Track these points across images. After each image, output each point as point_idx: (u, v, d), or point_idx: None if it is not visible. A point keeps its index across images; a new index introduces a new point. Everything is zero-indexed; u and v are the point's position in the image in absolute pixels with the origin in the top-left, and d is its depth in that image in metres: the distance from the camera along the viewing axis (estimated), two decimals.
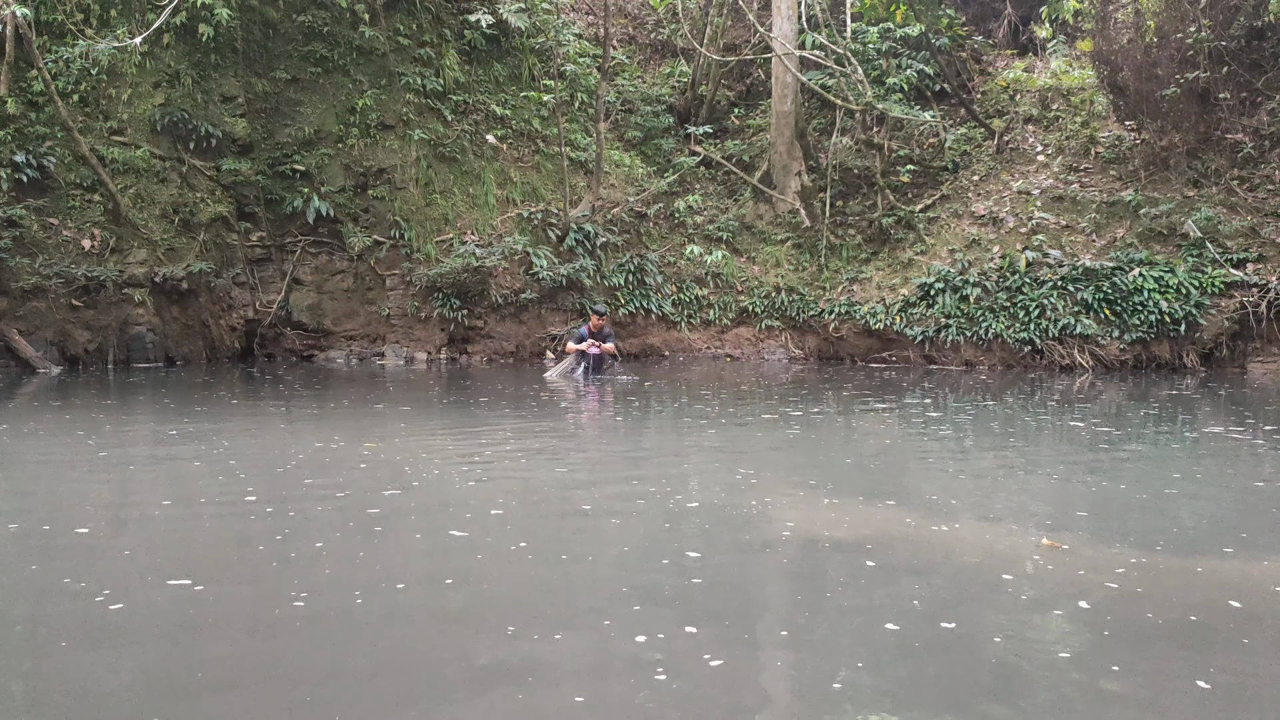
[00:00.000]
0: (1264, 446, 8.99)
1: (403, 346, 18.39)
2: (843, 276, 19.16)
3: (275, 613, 4.19)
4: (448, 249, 17.96)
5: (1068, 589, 4.57)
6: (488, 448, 9.04)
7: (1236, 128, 17.13)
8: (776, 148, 20.30)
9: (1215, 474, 7.87)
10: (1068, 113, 19.48)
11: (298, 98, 17.98)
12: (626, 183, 20.25)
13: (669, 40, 23.47)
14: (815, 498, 6.68)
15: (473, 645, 3.88)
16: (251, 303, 18.12)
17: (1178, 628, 4.06)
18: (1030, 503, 6.69)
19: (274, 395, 13.30)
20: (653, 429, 10.67)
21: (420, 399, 13.11)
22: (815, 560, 5.16)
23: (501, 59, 20.02)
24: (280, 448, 8.54)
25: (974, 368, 17.26)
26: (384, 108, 18.12)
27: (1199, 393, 13.56)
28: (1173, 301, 15.79)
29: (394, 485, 6.82)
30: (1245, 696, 3.43)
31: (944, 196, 19.38)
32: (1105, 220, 17.38)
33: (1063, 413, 11.77)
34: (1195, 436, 9.77)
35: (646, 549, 5.32)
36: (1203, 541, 5.57)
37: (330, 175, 17.99)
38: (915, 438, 10.02)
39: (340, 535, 5.52)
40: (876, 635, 3.97)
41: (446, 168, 18.56)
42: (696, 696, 3.41)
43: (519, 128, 19.69)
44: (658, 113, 21.72)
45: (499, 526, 5.79)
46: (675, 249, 19.68)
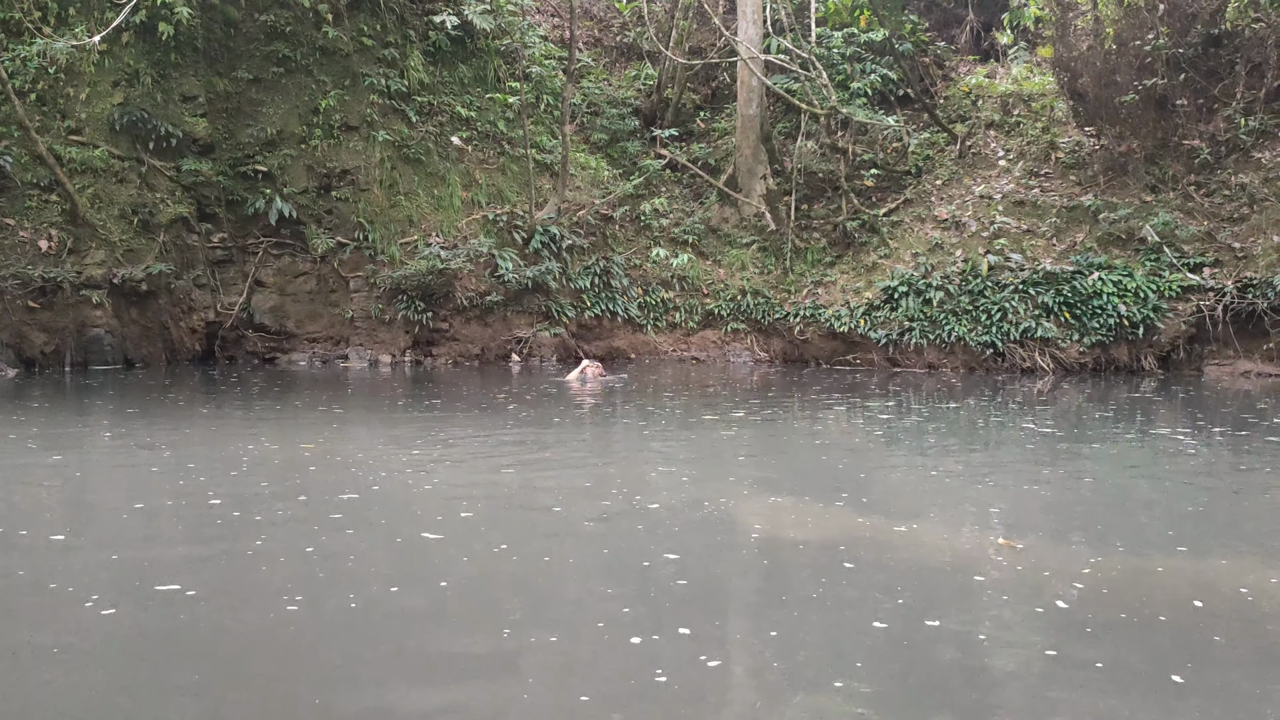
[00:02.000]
0: (1216, 449, 9.13)
1: (366, 349, 18.26)
2: (807, 280, 19.26)
3: (271, 616, 4.19)
4: (412, 251, 17.85)
5: (1040, 589, 4.65)
6: (447, 450, 9.01)
7: (1193, 134, 17.39)
8: (742, 151, 20.37)
9: (1168, 475, 7.99)
10: (1029, 118, 19.70)
11: (260, 98, 17.81)
12: (592, 185, 20.24)
13: (634, 43, 23.51)
14: (780, 499, 6.73)
15: (473, 646, 3.92)
16: (212, 305, 17.91)
17: (1149, 627, 4.15)
18: (991, 504, 6.77)
19: (233, 398, 13.16)
20: (616, 431, 10.67)
21: (381, 402, 13.03)
22: (793, 561, 5.22)
23: (466, 60, 19.96)
24: (236, 451, 8.47)
25: (937, 370, 17.40)
26: (348, 109, 17.99)
27: (1156, 395, 13.76)
28: (1131, 305, 16.00)
29: (352, 489, 6.79)
30: (1215, 689, 3.55)
31: (907, 200, 19.53)
32: (1065, 225, 17.59)
33: (1023, 415, 11.89)
34: (1150, 439, 9.91)
35: (624, 551, 5.37)
36: (1158, 542, 5.66)
37: (293, 176, 17.83)
38: (877, 440, 10.10)
39: (318, 539, 5.50)
40: (868, 634, 4.05)
41: (411, 169, 18.46)
42: (700, 697, 3.46)
43: (484, 129, 19.63)
44: (623, 115, 21.74)
45: (473, 529, 5.82)
46: (641, 252, 19.70)
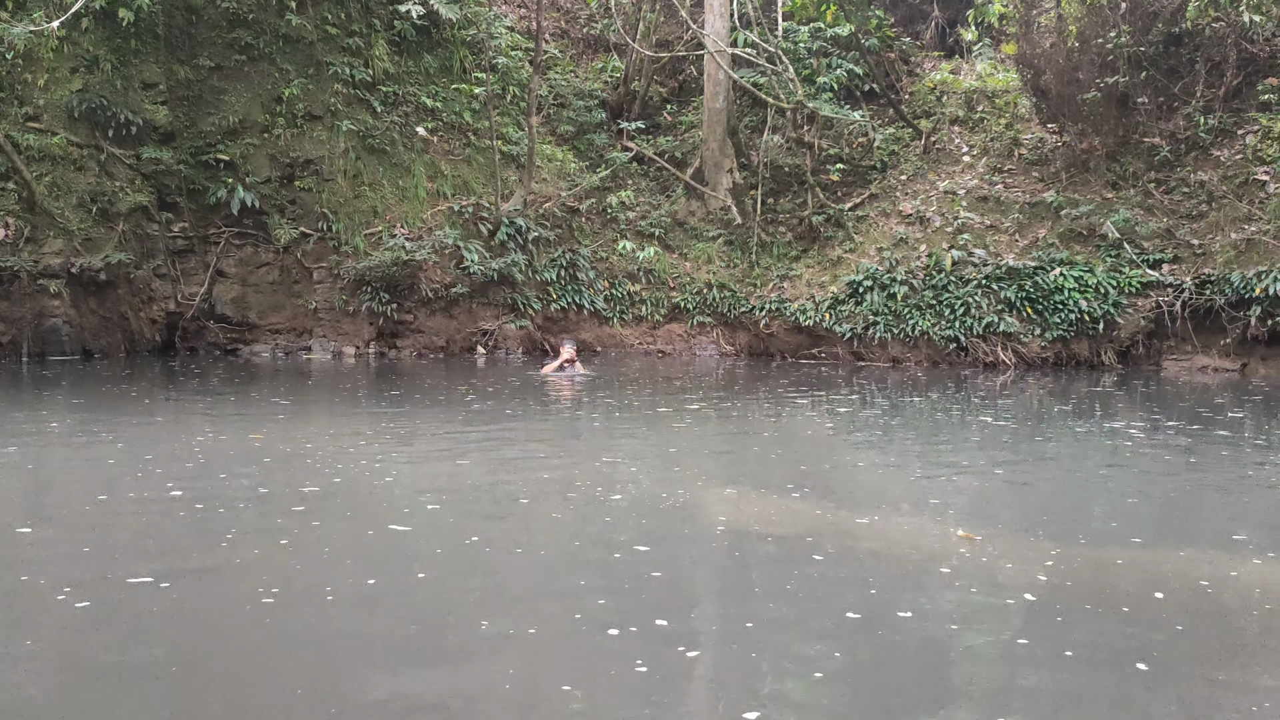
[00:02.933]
0: (1172, 444, 9.27)
1: (330, 340, 18.12)
2: (773, 274, 19.32)
3: (247, 609, 4.18)
4: (377, 242, 17.72)
5: (1006, 581, 4.71)
6: (407, 443, 8.99)
7: (1154, 132, 17.61)
8: (709, 145, 20.39)
9: (1125, 469, 8.10)
10: (992, 115, 19.87)
11: (222, 86, 17.58)
12: (559, 177, 20.18)
13: (602, 35, 23.44)
14: (743, 492, 6.78)
15: (453, 637, 3.93)
16: (173, 295, 17.70)
17: (1114, 617, 4.22)
18: (953, 497, 6.84)
19: (191, 390, 13.03)
20: (579, 424, 10.67)
21: (342, 394, 12.94)
22: (762, 553, 5.27)
23: (432, 50, 19.81)
24: (193, 443, 8.38)
25: (901, 364, 17.53)
26: (311, 98, 17.80)
27: (1115, 390, 13.94)
28: (1092, 300, 16.20)
29: (312, 481, 6.74)
30: (1178, 675, 3.66)
31: (872, 195, 19.64)
32: (1028, 220, 17.77)
33: (984, 409, 12.01)
34: (1108, 433, 10.04)
35: (594, 543, 5.40)
36: (1117, 534, 5.74)
37: (255, 165, 17.63)
38: (840, 433, 10.17)
39: (288, 531, 5.47)
40: (843, 624, 4.09)
41: (376, 159, 18.30)
42: (682, 688, 3.48)
43: (450, 120, 19.51)
44: (590, 108, 21.67)
45: (442, 521, 5.83)
46: (608, 245, 19.67)
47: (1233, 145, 16.96)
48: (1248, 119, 16.93)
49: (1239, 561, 5.06)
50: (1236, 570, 4.89)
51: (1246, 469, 7.99)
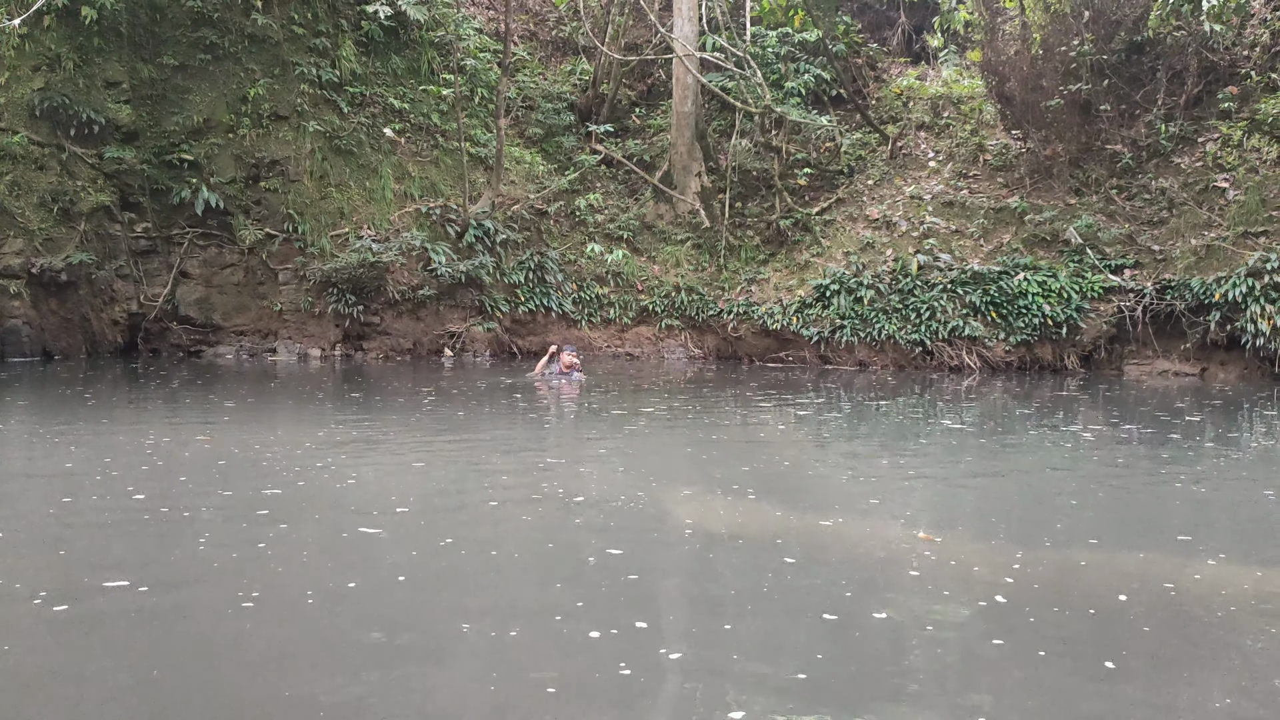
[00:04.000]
0: (1132, 447, 9.40)
1: (296, 343, 17.97)
2: (741, 277, 19.39)
3: (229, 613, 4.16)
4: (343, 243, 17.61)
5: (976, 584, 4.77)
6: (371, 444, 8.95)
7: (1116, 139, 17.84)
8: (677, 148, 20.43)
9: (1087, 473, 8.20)
10: (958, 120, 20.05)
11: (186, 85, 17.39)
12: (527, 180, 20.14)
13: (570, 38, 23.43)
14: (707, 494, 6.83)
15: (437, 639, 3.93)
16: (135, 296, 17.49)
17: (1082, 619, 4.30)
18: (918, 500, 6.90)
19: (152, 392, 12.88)
20: (542, 426, 10.65)
21: (305, 396, 12.83)
22: (735, 556, 5.30)
23: (400, 51, 19.72)
24: (153, 445, 8.31)
25: (867, 368, 17.64)
26: (277, 98, 17.66)
27: (1077, 394, 14.11)
28: (1055, 305, 16.38)
29: (275, 484, 6.70)
30: (1145, 673, 3.74)
31: (839, 200, 19.76)
32: (992, 226, 17.94)
33: (949, 413, 12.11)
34: (1070, 436, 10.16)
35: (567, 545, 5.42)
36: (1079, 537, 5.82)
37: (220, 166, 17.46)
38: (804, 436, 10.22)
39: (262, 534, 5.43)
40: (820, 626, 4.14)
41: (342, 160, 18.18)
42: (666, 689, 3.50)
43: (418, 122, 19.42)
44: (559, 110, 21.66)
45: (412, 523, 5.83)
46: (576, 247, 19.65)
47: (1193, 152, 17.22)
48: (1208, 127, 17.20)
49: (1198, 564, 5.14)
50: (1199, 573, 4.96)
51: (1203, 472, 8.11)
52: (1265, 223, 15.49)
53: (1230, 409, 12.45)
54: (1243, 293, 14.94)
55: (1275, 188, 15.69)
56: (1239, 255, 15.34)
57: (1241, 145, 16.55)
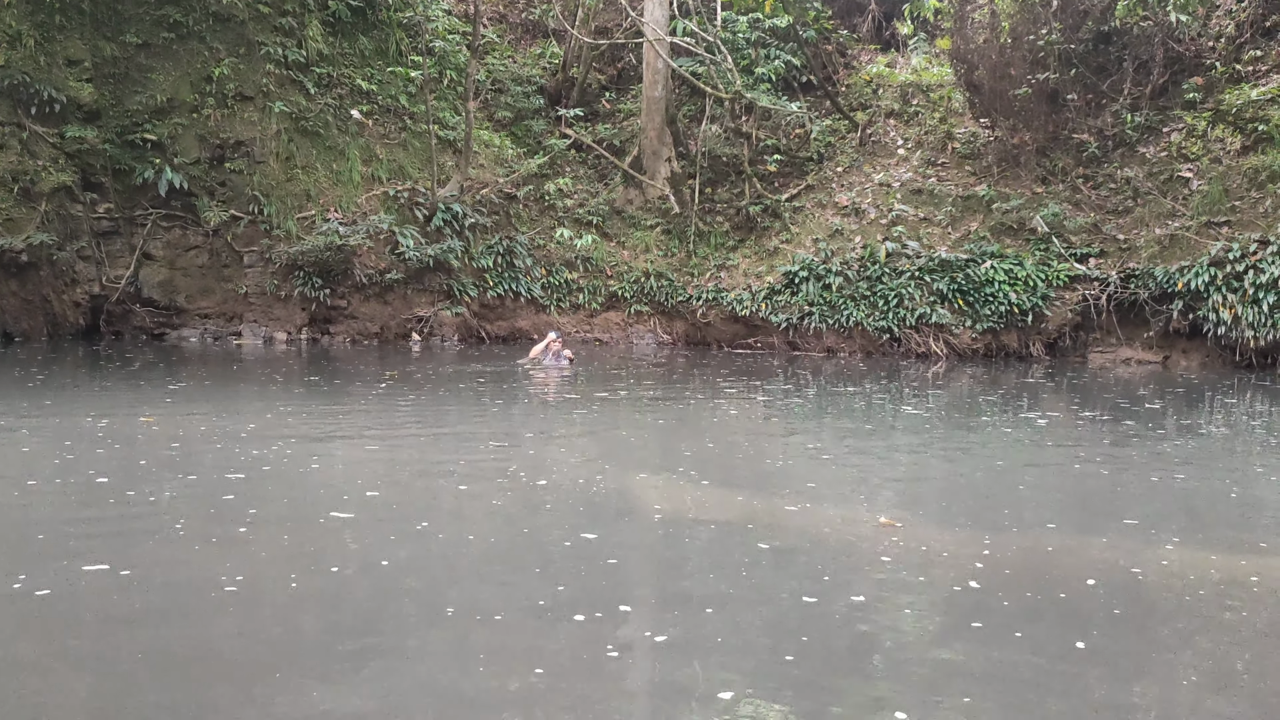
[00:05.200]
0: (1095, 433, 9.50)
1: (261, 326, 17.79)
2: (710, 263, 19.39)
3: (212, 595, 4.15)
4: (309, 226, 17.42)
5: (948, 568, 4.82)
6: (333, 429, 8.90)
7: (1082, 128, 17.99)
8: (647, 133, 20.37)
9: (1051, 459, 8.29)
10: (927, 108, 20.12)
11: (149, 64, 17.11)
12: (496, 163, 20.02)
13: (540, 20, 23.27)
14: (674, 479, 6.85)
15: (423, 624, 3.93)
16: (98, 277, 17.23)
17: (1053, 603, 4.37)
18: (882, 485, 6.97)
19: (114, 375, 12.70)
20: (507, 410, 10.62)
21: (268, 380, 12.68)
22: (709, 540, 5.32)
23: (367, 32, 19.50)
24: (112, 428, 8.21)
25: (835, 354, 17.72)
26: (242, 78, 17.41)
27: (1042, 381, 14.24)
28: (1021, 293, 16.52)
29: (237, 468, 6.63)
30: (1114, 651, 3.80)
31: (809, 186, 19.80)
32: (960, 214, 18.05)
33: (915, 399, 12.19)
34: (1035, 423, 10.26)
35: (542, 530, 5.42)
36: (1045, 523, 5.89)
37: (184, 146, 17.21)
38: (771, 422, 10.25)
39: (230, 519, 5.39)
40: (802, 609, 4.19)
41: (309, 142, 17.98)
42: (656, 671, 3.53)
43: (385, 104, 19.23)
44: (528, 93, 21.52)
45: (384, 508, 5.82)
46: (545, 232, 19.57)
47: (1158, 142, 17.40)
48: (1173, 117, 17.37)
49: (1162, 549, 5.21)
50: (1165, 559, 5.03)
51: (1162, 460, 8.21)
52: (1228, 213, 15.68)
53: (1191, 397, 12.62)
54: (1205, 282, 15.13)
55: (1238, 178, 15.89)
56: (1202, 245, 15.53)
57: (1205, 136, 16.73)
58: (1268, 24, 17.02)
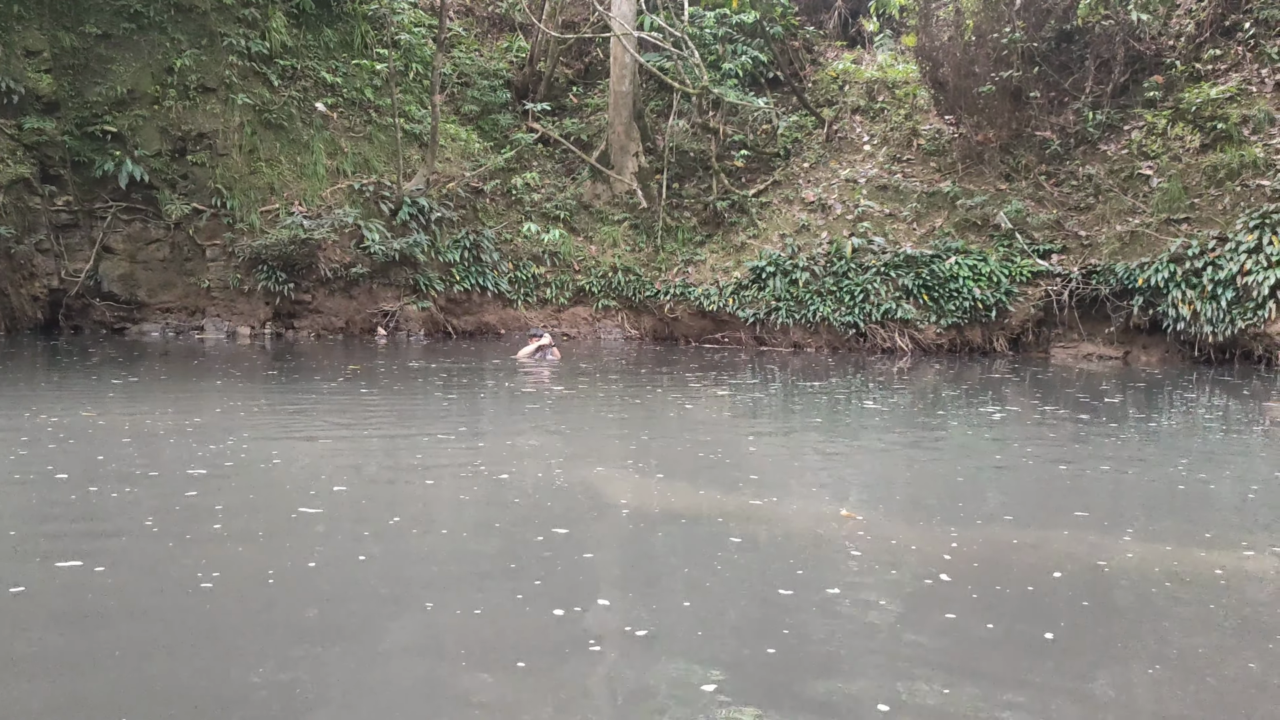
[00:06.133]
0: (1057, 428, 9.62)
1: (224, 320, 17.62)
2: (678, 258, 19.42)
3: (189, 592, 4.12)
4: (273, 220, 17.26)
5: (918, 563, 4.86)
6: (294, 423, 8.84)
7: (1045, 125, 18.16)
8: (614, 128, 20.35)
9: (1013, 453, 8.38)
10: (892, 105, 20.24)
11: (109, 55, 16.86)
12: (462, 157, 19.92)
13: (507, 14, 23.17)
14: (638, 474, 6.89)
15: (403, 619, 3.93)
16: (56, 271, 16.99)
17: (1024, 596, 4.42)
18: (848, 480, 7.03)
19: (72, 369, 12.53)
20: (470, 404, 10.57)
21: (228, 374, 12.54)
22: (681, 534, 5.35)
23: (332, 24, 19.33)
24: (67, 423, 8.10)
25: (802, 349, 17.81)
26: (204, 69, 17.21)
27: (1006, 375, 14.39)
28: (985, 289, 16.68)
29: (199, 464, 6.57)
30: (1083, 641, 3.87)
31: (776, 182, 19.86)
32: (925, 210, 18.18)
33: (880, 394, 12.28)
34: (996, 417, 10.38)
35: (514, 525, 5.41)
36: (1008, 517, 5.96)
37: (145, 138, 16.98)
38: (736, 417, 10.29)
39: (198, 514, 5.36)
40: (778, 602, 4.22)
41: (273, 135, 17.80)
42: (639, 664, 3.53)
43: (350, 97, 19.08)
44: (495, 87, 21.42)
45: (353, 503, 5.80)
46: (512, 226, 19.51)
47: (1119, 140, 17.60)
48: (1133, 115, 17.58)
49: (1127, 542, 5.29)
50: (1131, 551, 5.10)
51: (1122, 454, 8.32)
52: (1187, 210, 15.91)
53: (1151, 391, 12.80)
54: (1165, 278, 15.35)
55: (1197, 176, 16.12)
56: (1162, 241, 15.74)
57: (1165, 134, 16.95)
58: (1227, 23, 17.27)
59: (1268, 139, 15.81)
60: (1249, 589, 4.57)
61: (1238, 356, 15.31)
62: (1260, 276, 14.42)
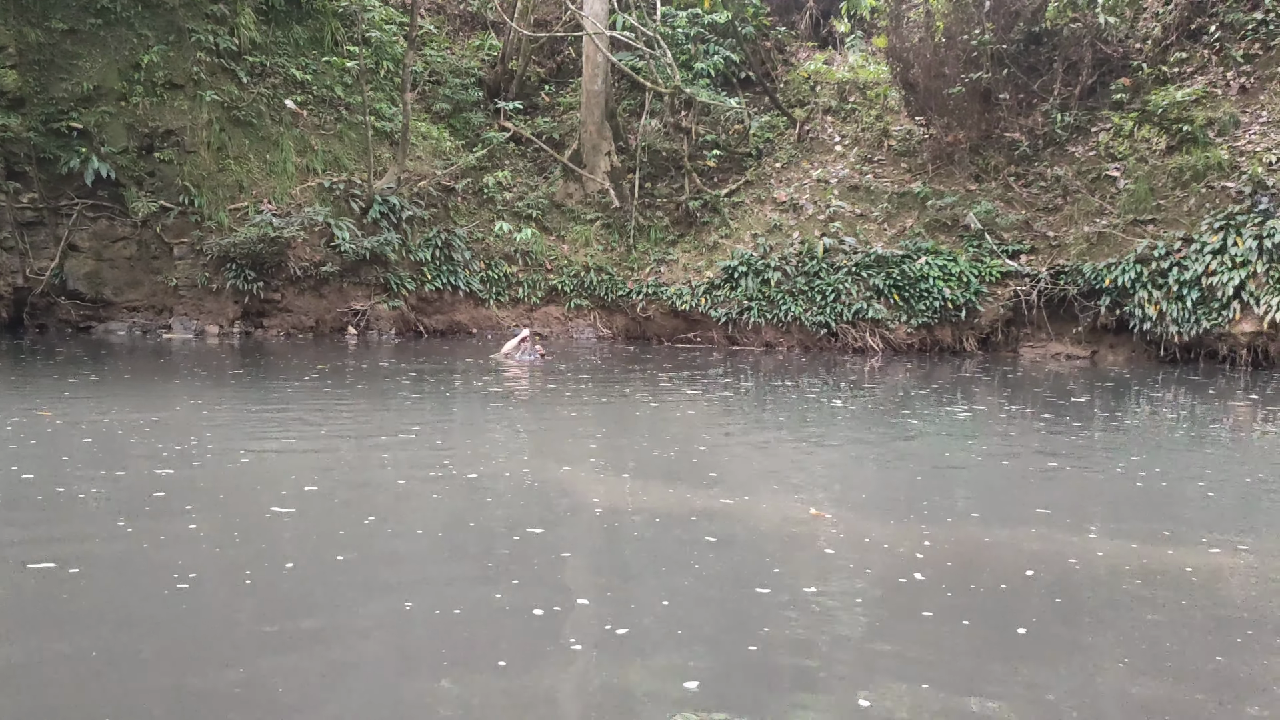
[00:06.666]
0: (1025, 428, 9.71)
1: (192, 319, 17.44)
2: (650, 258, 19.43)
3: (165, 593, 4.09)
4: (242, 218, 17.10)
5: (894, 561, 4.89)
6: (260, 424, 8.76)
7: (1014, 127, 18.32)
8: (587, 127, 20.33)
9: (979, 451, 8.46)
10: (864, 106, 20.35)
11: (75, 50, 16.63)
12: (434, 155, 19.83)
13: (479, 12, 23.08)
14: (608, 473, 6.91)
15: (384, 619, 3.92)
16: (21, 269, 16.75)
17: (999, 594, 4.48)
18: (820, 479, 7.07)
19: (34, 369, 12.35)
20: (435, 405, 10.52)
21: (193, 374, 12.41)
22: (656, 534, 5.35)
23: (302, 21, 19.17)
24: (25, 423, 8.01)
25: (774, 349, 17.87)
26: (172, 65, 17.02)
27: (975, 375, 14.50)
28: (955, 289, 16.80)
29: (166, 465, 6.51)
30: (1057, 638, 3.92)
31: (748, 182, 19.91)
32: (896, 210, 18.29)
33: (851, 393, 12.34)
34: (967, 417, 10.46)
35: (488, 524, 5.42)
36: (979, 516, 6.02)
37: (112, 135, 16.77)
38: (708, 416, 10.31)
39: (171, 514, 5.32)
40: (758, 600, 4.25)
41: (241, 132, 17.63)
42: (621, 663, 3.55)
43: (321, 94, 18.93)
44: (467, 86, 21.33)
45: (326, 504, 5.76)
46: (484, 225, 19.44)
47: (1086, 142, 17.78)
48: (1101, 117, 17.77)
49: (1096, 540, 5.34)
50: (1102, 549, 5.17)
51: (1089, 453, 8.41)
52: (1154, 211, 16.10)
53: (1118, 391, 12.94)
54: (1131, 278, 15.53)
55: (1163, 177, 16.31)
56: (1128, 242, 15.92)
57: (1132, 135, 17.14)
58: (1193, 26, 17.49)
59: (1232, 141, 16.03)
60: (1217, 586, 4.63)
61: (1203, 356, 15.52)
62: (1225, 277, 14.61)
